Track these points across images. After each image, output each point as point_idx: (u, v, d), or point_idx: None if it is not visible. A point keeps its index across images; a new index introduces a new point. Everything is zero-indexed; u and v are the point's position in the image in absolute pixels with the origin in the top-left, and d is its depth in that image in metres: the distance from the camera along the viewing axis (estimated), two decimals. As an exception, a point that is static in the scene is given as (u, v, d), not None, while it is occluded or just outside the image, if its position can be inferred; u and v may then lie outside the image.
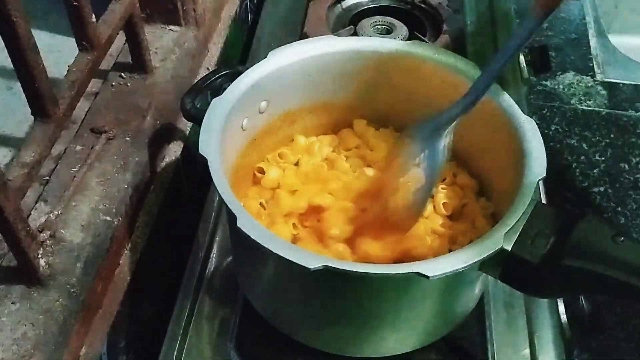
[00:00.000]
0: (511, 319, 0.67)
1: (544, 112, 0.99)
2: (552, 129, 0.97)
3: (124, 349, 0.69)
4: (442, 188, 0.68)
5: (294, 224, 0.64)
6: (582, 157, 0.95)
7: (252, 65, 0.65)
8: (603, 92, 1.01)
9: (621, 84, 1.02)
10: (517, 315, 0.68)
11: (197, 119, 0.61)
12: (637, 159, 0.95)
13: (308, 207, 0.65)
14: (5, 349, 0.52)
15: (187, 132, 0.81)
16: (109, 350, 0.64)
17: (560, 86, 1.03)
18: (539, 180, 0.56)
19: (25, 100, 0.55)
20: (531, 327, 0.67)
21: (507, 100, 0.62)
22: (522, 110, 0.61)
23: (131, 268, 0.68)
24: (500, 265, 0.53)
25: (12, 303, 0.55)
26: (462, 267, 0.50)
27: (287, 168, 0.69)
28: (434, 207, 0.66)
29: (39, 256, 0.57)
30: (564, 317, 0.69)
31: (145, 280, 0.71)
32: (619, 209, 0.90)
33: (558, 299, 0.70)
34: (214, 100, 0.62)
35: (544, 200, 0.80)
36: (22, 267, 0.55)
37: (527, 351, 0.65)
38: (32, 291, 0.56)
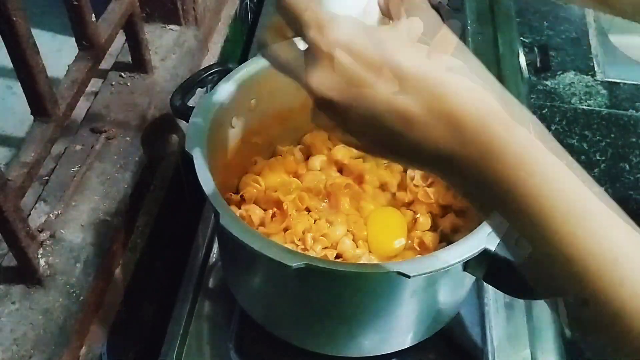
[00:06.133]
0: (511, 319, 0.67)
1: (544, 111, 0.98)
2: (553, 128, 0.97)
3: (124, 349, 0.69)
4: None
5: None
6: (583, 157, 0.95)
7: (242, 63, 0.65)
8: (603, 91, 1.01)
9: (621, 84, 1.01)
10: (517, 315, 0.68)
11: (186, 116, 0.61)
12: (638, 159, 0.95)
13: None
14: (5, 349, 0.52)
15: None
16: (109, 350, 0.64)
17: (561, 86, 1.03)
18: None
19: (25, 100, 0.55)
20: (531, 327, 0.67)
21: None
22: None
23: (131, 268, 0.68)
24: (483, 265, 0.53)
25: (12, 303, 0.55)
26: (444, 267, 0.50)
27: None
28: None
29: (39, 256, 0.57)
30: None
31: (145, 280, 0.71)
32: (619, 209, 0.90)
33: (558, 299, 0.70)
34: (202, 97, 0.62)
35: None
36: (22, 267, 0.55)
37: (527, 351, 0.65)
38: (32, 291, 0.56)
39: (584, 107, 0.99)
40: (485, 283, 0.62)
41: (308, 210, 0.67)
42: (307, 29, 0.36)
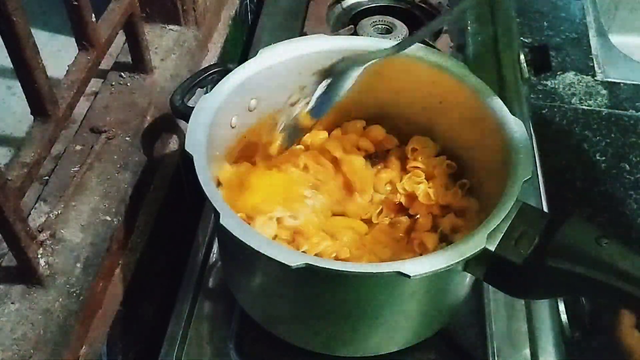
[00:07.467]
0: (511, 319, 0.67)
1: (545, 111, 0.99)
2: (553, 128, 0.97)
3: (124, 349, 0.69)
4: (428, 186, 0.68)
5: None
6: (583, 157, 0.95)
7: (242, 63, 0.65)
8: (603, 91, 1.01)
9: (622, 84, 1.02)
10: (517, 315, 0.68)
11: (186, 116, 0.62)
12: (638, 159, 0.95)
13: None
14: (5, 349, 0.52)
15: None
16: (109, 350, 0.64)
17: (561, 86, 1.03)
18: (524, 181, 0.55)
19: (25, 100, 0.55)
20: (531, 327, 0.67)
21: (496, 100, 0.62)
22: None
23: (131, 268, 0.68)
24: (483, 265, 0.53)
25: (12, 303, 0.55)
26: (444, 267, 0.50)
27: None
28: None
29: (39, 256, 0.57)
30: (564, 317, 0.69)
31: (145, 280, 0.71)
32: (619, 209, 0.90)
33: (558, 299, 0.70)
34: (202, 97, 0.62)
35: (544, 201, 0.80)
36: (22, 267, 0.55)
37: (527, 351, 0.65)
38: (32, 291, 0.56)
39: (584, 107, 0.99)
40: (485, 283, 0.62)
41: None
42: None
